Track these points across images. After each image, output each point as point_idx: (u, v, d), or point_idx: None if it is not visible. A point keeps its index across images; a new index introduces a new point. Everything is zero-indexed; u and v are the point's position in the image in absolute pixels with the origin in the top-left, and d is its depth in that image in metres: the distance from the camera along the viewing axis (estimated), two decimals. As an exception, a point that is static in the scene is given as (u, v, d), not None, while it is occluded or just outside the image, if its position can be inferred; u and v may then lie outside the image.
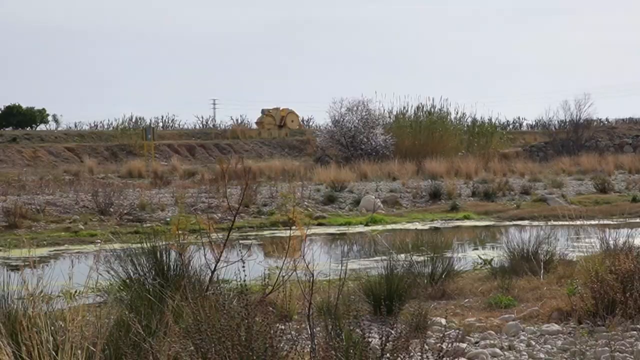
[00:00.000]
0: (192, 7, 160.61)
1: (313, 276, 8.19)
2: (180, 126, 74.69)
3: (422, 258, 13.59)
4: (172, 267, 9.93)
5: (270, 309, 10.17)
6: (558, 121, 68.88)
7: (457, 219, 27.02)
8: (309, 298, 7.88)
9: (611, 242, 12.40)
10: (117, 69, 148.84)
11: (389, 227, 25.20)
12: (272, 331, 5.66)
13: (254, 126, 71.46)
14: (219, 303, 6.12)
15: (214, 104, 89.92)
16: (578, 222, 18.48)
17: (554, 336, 9.29)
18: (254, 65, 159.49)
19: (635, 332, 9.15)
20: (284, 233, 15.30)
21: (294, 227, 9.28)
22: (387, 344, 5.99)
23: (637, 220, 25.84)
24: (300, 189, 31.40)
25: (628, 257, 10.11)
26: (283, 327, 9.14)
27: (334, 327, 7.50)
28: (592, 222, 20.39)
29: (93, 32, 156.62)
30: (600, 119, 77.57)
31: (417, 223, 26.24)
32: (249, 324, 5.56)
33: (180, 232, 10.15)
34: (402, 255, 13.61)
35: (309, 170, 41.79)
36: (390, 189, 33.96)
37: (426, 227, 25.33)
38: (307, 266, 8.48)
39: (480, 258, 15.39)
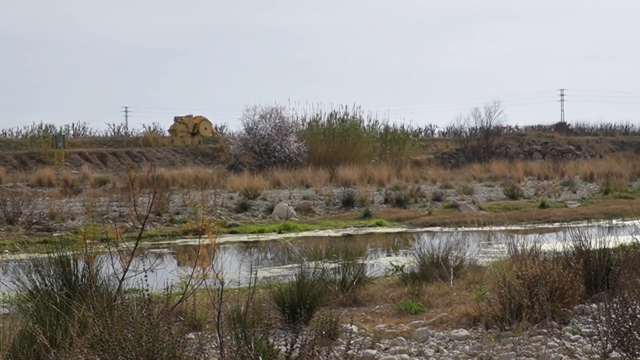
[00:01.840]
0: (103, 13, 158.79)
1: (222, 285, 8.15)
2: (92, 134, 73.70)
3: (334, 265, 13.62)
4: (79, 277, 9.78)
5: (181, 318, 10.13)
6: (469, 128, 69.97)
7: (370, 226, 27.17)
8: (219, 307, 7.83)
9: (519, 248, 12.59)
10: (27, 76, 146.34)
11: (302, 234, 25.22)
12: (177, 341, 5.59)
13: (167, 134, 70.85)
14: (124, 313, 6.04)
15: (126, 111, 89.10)
16: (487, 228, 18.78)
17: (462, 341, 9.38)
18: (166, 72, 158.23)
19: (540, 336, 9.30)
20: (197, 241, 15.20)
21: (204, 236, 9.20)
22: (294, 352, 5.97)
23: (545, 225, 26.35)
24: (213, 197, 31.25)
25: (534, 263, 10.27)
26: (193, 336, 9.12)
27: (243, 335, 7.47)
28: (502, 227, 20.69)
29: (0, 39, 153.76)
30: (510, 126, 78.84)
31: (330, 230, 26.31)
32: (152, 334, 5.49)
33: (88, 241, 9.99)
34: (314, 263, 13.63)
35: (222, 178, 41.60)
36: (303, 197, 34.01)
37: (339, 234, 25.41)
38: (217, 275, 8.43)
39: (392, 264, 15.45)
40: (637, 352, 7.18)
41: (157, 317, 5.76)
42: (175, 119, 70.11)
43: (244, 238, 24.60)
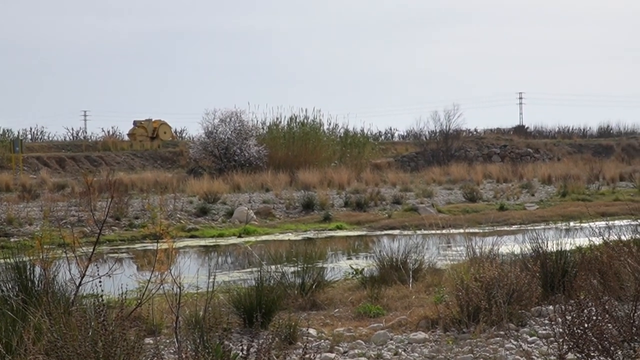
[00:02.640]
0: (62, 16, 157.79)
1: (180, 289, 8.12)
2: (50, 138, 73.19)
3: (293, 269, 13.63)
4: (36, 282, 9.70)
5: (139, 323, 10.07)
6: (428, 132, 70.27)
7: (330, 229, 27.20)
8: (176, 311, 7.81)
9: (477, 250, 12.65)
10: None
11: (262, 238, 25.18)
12: (133, 346, 5.55)
13: (126, 138, 70.51)
14: (81, 319, 6.00)
15: (85, 115, 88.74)
16: (446, 231, 18.84)
17: (421, 344, 9.42)
18: (125, 76, 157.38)
19: (498, 338, 9.35)
20: (156, 246, 15.10)
21: (162, 240, 9.17)
22: (250, 357, 5.96)
23: (504, 228, 26.51)
24: (173, 201, 31.13)
25: (492, 265, 10.34)
26: (151, 341, 9.07)
27: (201, 340, 7.45)
28: (461, 230, 20.77)
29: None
30: (469, 130, 79.38)
31: (290, 234, 26.29)
32: (108, 340, 5.45)
33: (46, 246, 9.92)
34: (274, 267, 13.63)
35: (181, 182, 41.44)
36: (263, 200, 33.96)
37: (299, 237, 25.40)
38: (175, 279, 8.40)
39: (352, 268, 15.48)
40: (592, 354, 7.24)
41: (113, 323, 5.72)
42: (135, 123, 69.80)
43: (203, 242, 24.52)
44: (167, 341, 9.55)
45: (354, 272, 14.92)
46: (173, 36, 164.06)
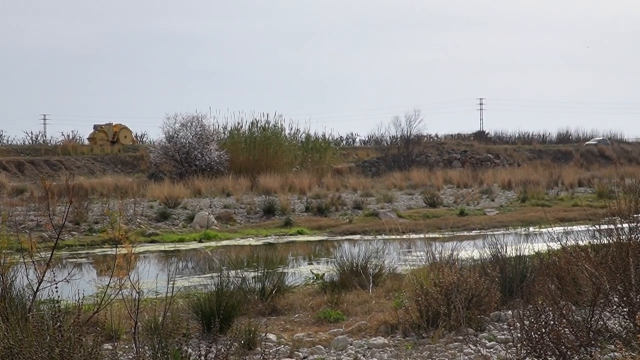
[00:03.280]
0: (20, 19, 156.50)
1: (139, 295, 8.08)
2: (9, 142, 72.57)
3: (254, 274, 13.60)
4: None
5: (98, 329, 10.01)
6: (390, 137, 70.53)
7: (291, 234, 27.18)
8: (135, 317, 7.77)
9: (437, 256, 12.69)
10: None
11: (223, 243, 25.12)
12: (90, 352, 5.52)
13: (86, 142, 70.06)
14: (38, 325, 5.94)
15: (45, 119, 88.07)
16: (406, 236, 18.92)
17: (380, 349, 9.43)
18: (85, 80, 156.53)
19: (457, 343, 9.40)
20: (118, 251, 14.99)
21: (121, 245, 9.10)
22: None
23: (464, 233, 26.64)
24: (133, 206, 30.96)
25: (452, 270, 10.38)
26: (110, 347, 9.01)
27: (160, 346, 7.42)
28: (421, 235, 20.86)
29: None
30: (430, 135, 79.76)
31: (251, 239, 26.24)
32: (64, 346, 5.41)
33: (3, 251, 9.82)
34: (234, 272, 13.59)
35: (142, 186, 41.21)
36: (224, 205, 33.88)
37: (260, 242, 25.36)
38: (134, 284, 8.35)
39: (312, 273, 15.49)
40: (549, 359, 7.30)
41: (70, 329, 5.68)
42: (95, 127, 69.40)
43: (163, 247, 24.41)
44: (126, 347, 9.50)
45: (315, 277, 14.94)
46: (134, 40, 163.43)
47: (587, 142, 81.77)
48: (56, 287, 7.61)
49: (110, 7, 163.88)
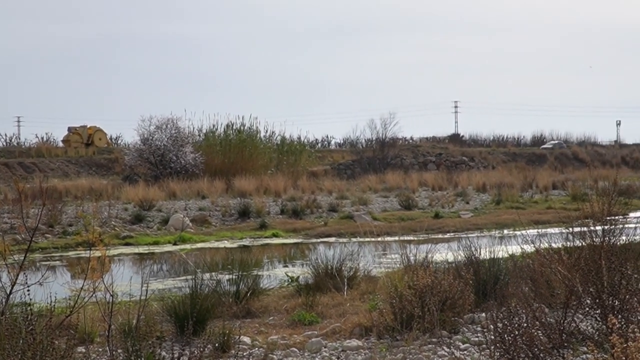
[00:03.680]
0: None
1: (113, 297, 8.05)
2: (-18, 144, 72.18)
3: (229, 277, 13.57)
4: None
5: (71, 332, 9.96)
6: (365, 139, 70.67)
7: (266, 237, 27.15)
8: (109, 320, 7.74)
9: (412, 258, 12.72)
10: None
11: (198, 245, 25.05)
12: (63, 355, 5.49)
13: (61, 144, 69.76)
14: (9, 328, 5.91)
15: (19, 121, 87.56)
16: (381, 239, 18.94)
17: (354, 352, 9.44)
18: (60, 81, 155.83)
19: (431, 345, 9.42)
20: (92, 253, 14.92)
21: (95, 248, 9.06)
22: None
23: (439, 235, 26.69)
24: (108, 209, 30.83)
25: (426, 273, 10.40)
26: (83, 349, 8.97)
27: (134, 348, 7.40)
28: (396, 238, 20.87)
29: None
30: (405, 138, 79.99)
31: (226, 241, 26.18)
32: (36, 350, 5.39)
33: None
34: (209, 275, 13.57)
35: (117, 189, 41.06)
36: (199, 208, 33.81)
37: (235, 245, 25.32)
38: (108, 287, 8.32)
39: (287, 275, 15.48)
40: (522, 360, 7.33)
41: (43, 332, 5.65)
42: (69, 129, 69.15)
43: (138, 250, 24.31)
44: (100, 350, 9.47)
45: (290, 280, 14.93)
46: (109, 42, 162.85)
47: (543, 146, 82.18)
48: (29, 290, 7.57)
49: (85, 9, 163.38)
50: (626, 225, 10.23)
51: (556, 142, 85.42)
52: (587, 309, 8.39)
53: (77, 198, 37.33)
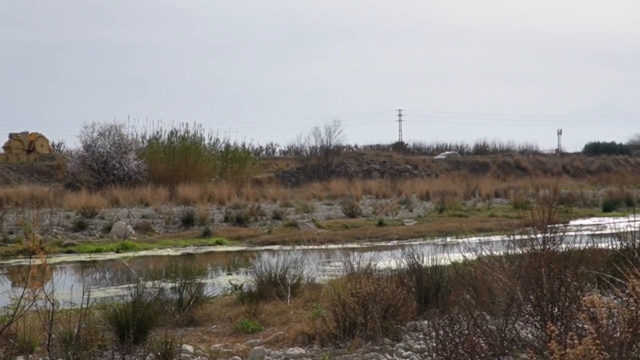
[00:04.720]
0: None
1: (53, 306, 7.97)
2: None
3: (172, 285, 13.50)
4: None
5: (11, 341, 9.83)
6: (309, 147, 70.79)
7: (210, 245, 27.06)
8: (49, 328, 7.66)
9: (355, 266, 12.76)
10: None
11: (141, 253, 24.88)
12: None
13: (1, 150, 68.92)
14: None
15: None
16: (325, 246, 18.98)
17: None
18: (1, 87, 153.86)
19: (374, 353, 9.45)
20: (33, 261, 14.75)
21: (35, 256, 8.98)
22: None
23: (383, 243, 26.80)
24: (49, 216, 30.51)
25: (369, 280, 10.43)
26: (23, 359, 8.87)
27: (75, 357, 7.33)
28: (340, 245, 20.93)
29: None
30: (349, 146, 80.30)
31: (169, 249, 26.04)
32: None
33: None
34: (152, 283, 13.48)
35: (59, 196, 40.63)
36: (142, 215, 33.59)
37: (179, 253, 25.18)
38: (48, 295, 8.24)
39: (231, 283, 15.43)
40: (463, 367, 7.38)
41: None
42: (10, 135, 68.35)
43: (80, 258, 24.06)
44: (40, 359, 9.36)
45: (233, 288, 14.88)
46: (50, 48, 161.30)
47: (436, 157, 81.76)
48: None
49: (27, 14, 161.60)
50: (566, 233, 10.34)
51: (450, 152, 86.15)
52: (528, 316, 8.47)
53: (18, 205, 36.91)
